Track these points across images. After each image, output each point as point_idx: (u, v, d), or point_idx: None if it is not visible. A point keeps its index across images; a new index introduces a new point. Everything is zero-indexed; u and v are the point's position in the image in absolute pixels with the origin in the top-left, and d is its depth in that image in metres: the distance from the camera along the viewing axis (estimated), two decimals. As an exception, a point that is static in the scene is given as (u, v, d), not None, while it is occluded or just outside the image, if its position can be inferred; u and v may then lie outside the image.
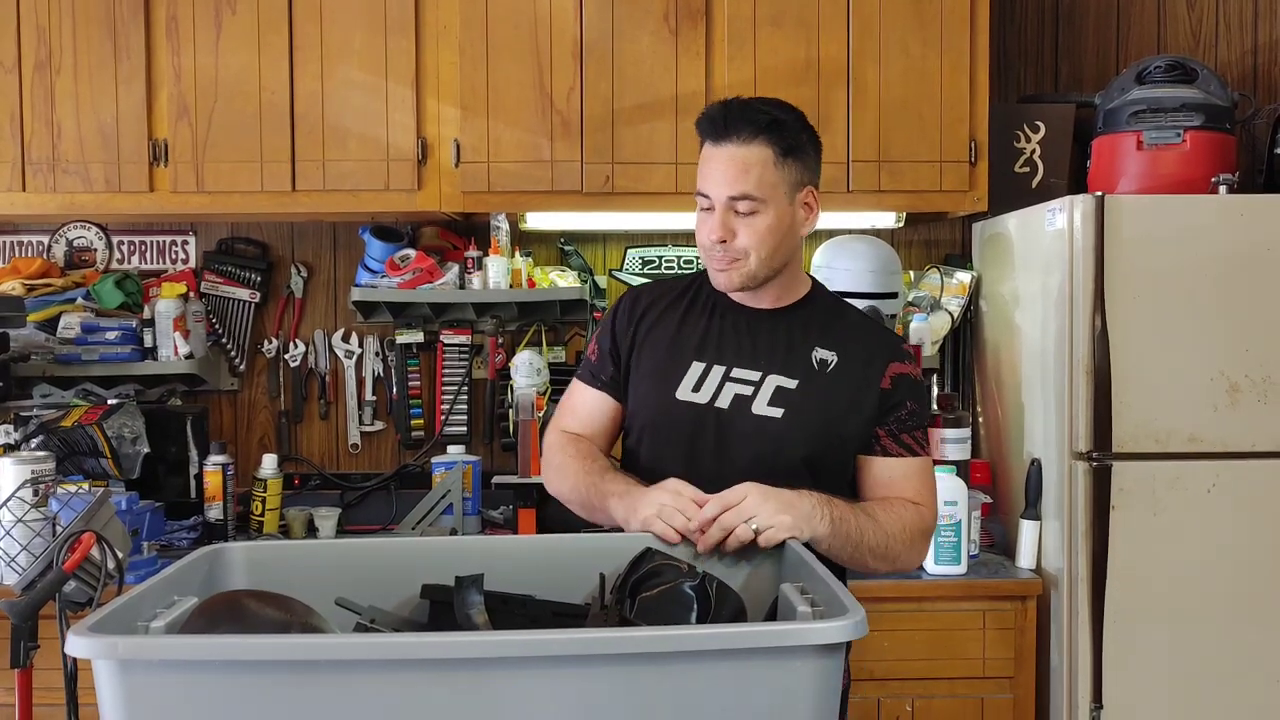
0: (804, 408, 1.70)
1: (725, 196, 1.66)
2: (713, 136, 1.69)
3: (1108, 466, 2.45)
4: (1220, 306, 2.47)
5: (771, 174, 1.67)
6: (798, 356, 1.74)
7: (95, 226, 3.17)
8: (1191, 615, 2.47)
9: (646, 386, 1.78)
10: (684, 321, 1.79)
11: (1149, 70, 2.80)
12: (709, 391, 1.72)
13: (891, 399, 1.73)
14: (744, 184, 1.65)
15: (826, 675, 1.06)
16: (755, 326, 1.77)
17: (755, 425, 1.70)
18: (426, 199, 2.78)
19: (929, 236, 3.23)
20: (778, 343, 1.75)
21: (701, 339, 1.77)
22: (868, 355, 1.75)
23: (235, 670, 1.01)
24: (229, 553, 1.41)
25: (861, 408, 1.72)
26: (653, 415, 1.76)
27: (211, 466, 2.81)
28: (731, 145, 1.66)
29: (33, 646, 1.58)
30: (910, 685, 2.51)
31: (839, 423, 1.72)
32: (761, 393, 1.71)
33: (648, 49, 2.75)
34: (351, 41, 2.75)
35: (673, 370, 1.75)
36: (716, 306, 1.79)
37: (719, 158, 1.67)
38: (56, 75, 2.75)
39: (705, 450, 1.71)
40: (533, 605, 1.40)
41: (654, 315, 1.81)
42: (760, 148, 1.66)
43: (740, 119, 1.67)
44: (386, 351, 3.17)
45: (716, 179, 1.67)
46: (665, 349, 1.78)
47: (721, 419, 1.71)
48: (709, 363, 1.74)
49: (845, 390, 1.72)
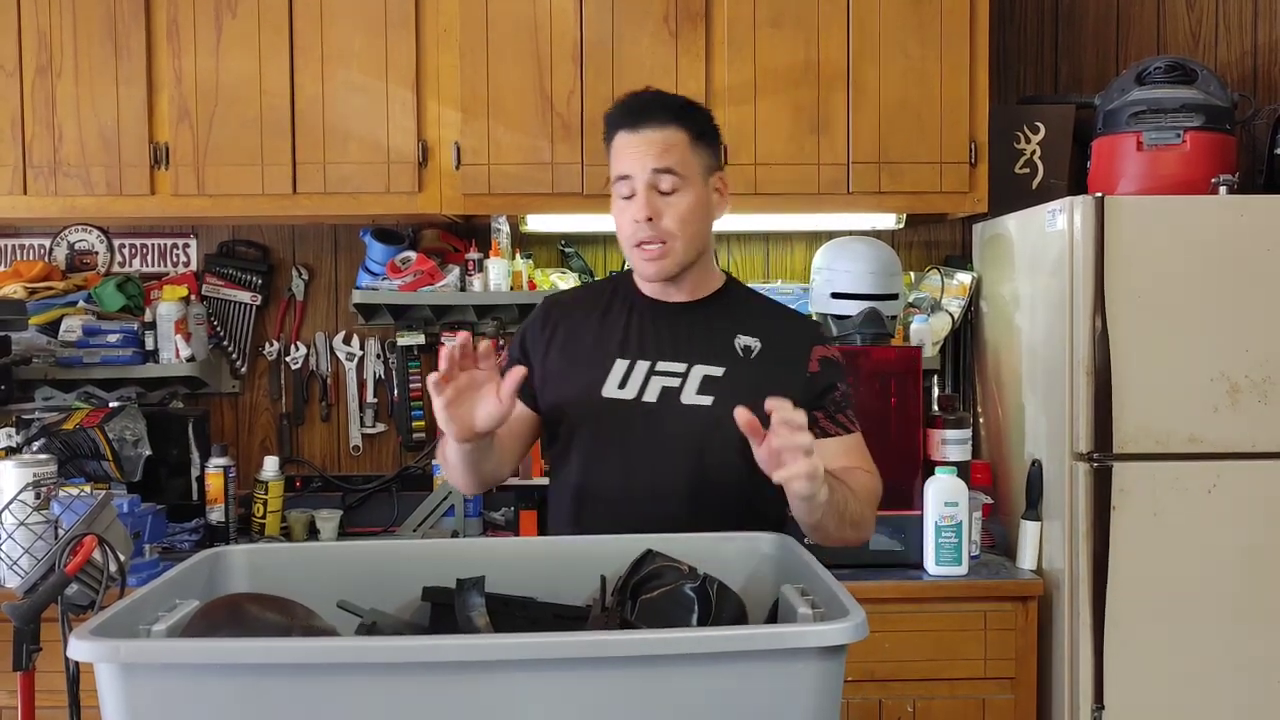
0: (733, 393, 1.70)
1: (649, 170, 1.69)
2: (629, 125, 1.72)
3: (1108, 467, 2.45)
4: (1220, 307, 2.47)
5: (688, 155, 1.71)
6: (721, 345, 1.76)
7: (96, 229, 3.18)
8: (1192, 616, 2.47)
9: (570, 389, 1.77)
10: (603, 322, 1.81)
11: (1149, 71, 2.80)
12: (635, 387, 1.73)
13: (820, 382, 1.77)
14: (667, 159, 1.69)
15: (828, 677, 1.06)
16: (675, 320, 1.79)
17: (686, 415, 1.71)
18: (427, 201, 2.78)
19: (929, 238, 3.23)
20: (699, 333, 1.77)
21: (623, 337, 1.78)
22: (791, 340, 1.79)
23: (237, 673, 1.01)
24: (230, 556, 1.41)
25: (790, 392, 1.71)
26: (580, 416, 1.76)
27: (213, 469, 2.81)
28: (649, 130, 1.70)
29: (35, 649, 1.59)
30: (911, 686, 2.51)
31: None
32: (689, 383, 1.73)
33: (648, 51, 2.75)
34: (352, 44, 2.76)
35: (596, 370, 1.76)
36: (634, 304, 1.81)
37: (637, 141, 1.71)
38: (58, 79, 2.76)
39: (636, 446, 1.72)
40: (534, 608, 1.40)
41: (571, 320, 1.83)
42: (675, 131, 1.71)
43: (656, 105, 1.73)
44: (387, 353, 3.17)
45: (638, 157, 1.70)
46: (587, 351, 1.78)
47: (650, 412, 1.72)
48: (632, 359, 1.75)
49: (772, 374, 1.74)
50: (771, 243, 3.22)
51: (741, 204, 2.78)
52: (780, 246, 3.22)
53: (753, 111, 2.76)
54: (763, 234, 3.20)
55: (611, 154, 1.75)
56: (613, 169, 1.75)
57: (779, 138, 2.77)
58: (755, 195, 2.77)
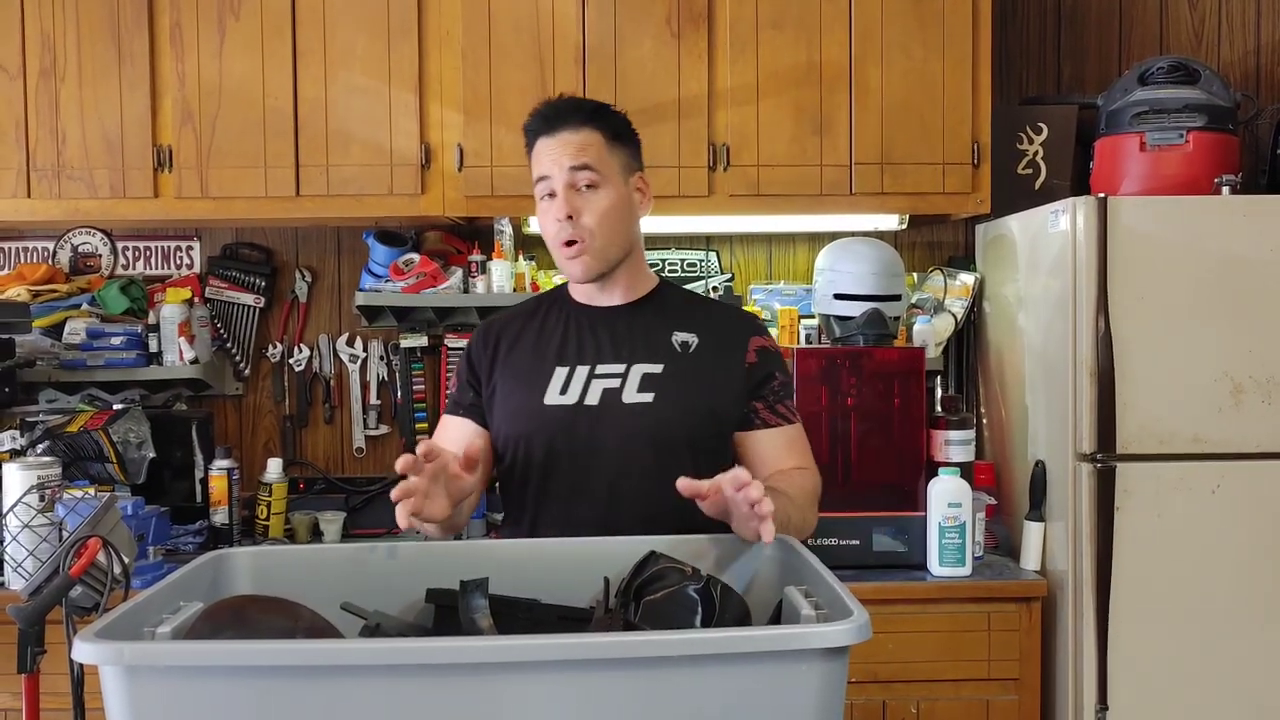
0: (673, 389, 1.74)
1: (567, 168, 1.72)
2: (545, 130, 1.75)
3: (1112, 468, 2.45)
4: (1224, 307, 2.47)
5: (604, 154, 1.75)
6: (658, 342, 1.78)
7: (100, 232, 3.18)
8: (1197, 616, 2.47)
9: (513, 402, 1.79)
10: (540, 334, 1.83)
11: (1151, 71, 2.80)
12: (576, 392, 1.75)
13: (759, 372, 1.79)
14: (583, 157, 1.73)
15: (831, 678, 1.06)
16: (611, 322, 1.81)
17: (628, 414, 1.73)
18: (430, 203, 2.78)
19: (932, 238, 3.23)
20: (636, 333, 1.79)
21: (561, 345, 1.80)
22: (728, 332, 1.81)
23: (241, 675, 1.02)
24: (234, 558, 1.41)
25: (730, 383, 1.78)
26: (524, 426, 1.77)
27: (217, 471, 2.82)
28: (565, 132, 1.74)
29: (39, 652, 1.59)
30: (915, 687, 2.51)
31: (711, 399, 1.76)
32: (629, 382, 1.75)
33: (650, 53, 2.76)
34: (354, 47, 2.76)
35: (538, 380, 1.77)
36: (570, 313, 1.83)
37: (554, 144, 1.74)
38: (61, 82, 2.76)
39: (582, 449, 1.73)
40: (538, 609, 1.40)
41: (510, 337, 1.84)
42: (591, 132, 1.74)
43: (569, 109, 1.76)
44: (391, 355, 3.18)
45: (555, 157, 1.73)
46: (527, 363, 1.80)
47: (593, 415, 1.73)
48: (571, 365, 1.77)
49: (711, 368, 1.77)
50: (774, 244, 3.22)
51: (744, 205, 2.79)
52: (783, 248, 3.22)
53: (755, 113, 2.76)
54: (765, 235, 3.20)
55: (532, 161, 1.78)
56: (532, 172, 1.78)
57: (781, 139, 2.77)
58: (757, 197, 2.78)
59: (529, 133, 1.79)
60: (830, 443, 2.66)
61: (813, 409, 2.65)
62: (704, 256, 3.19)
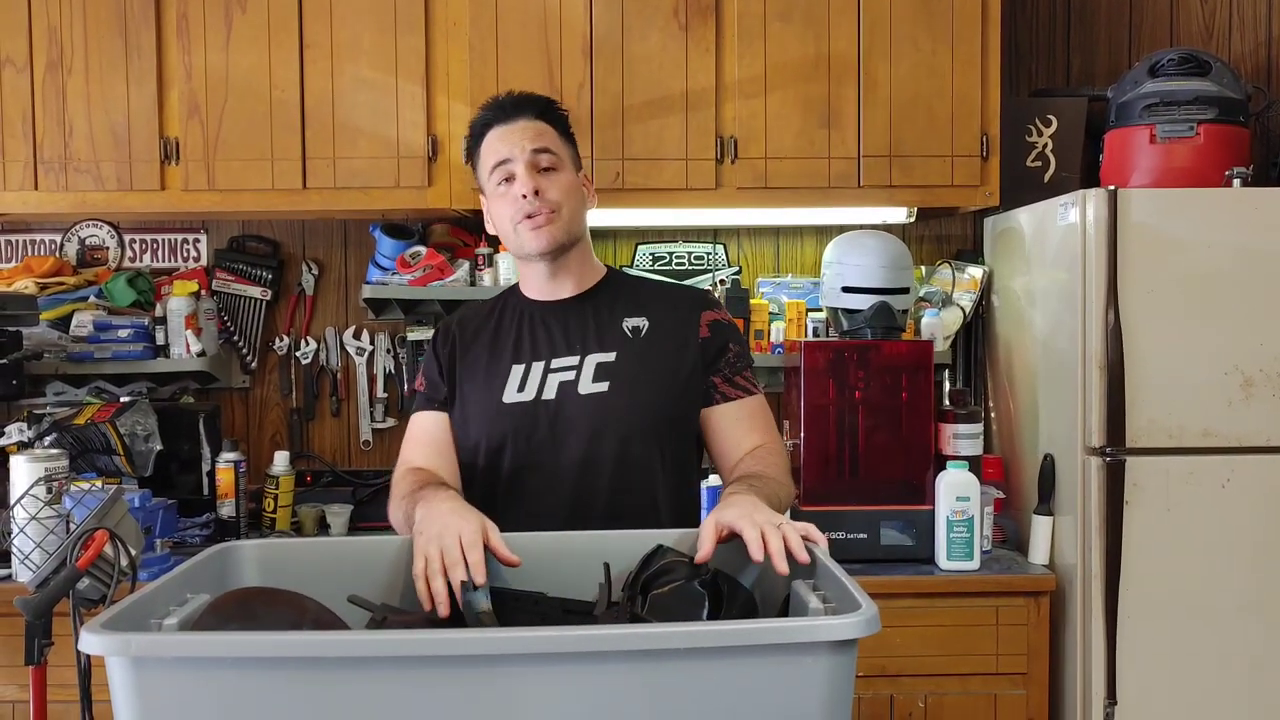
0: (628, 375, 1.75)
1: (529, 150, 1.75)
2: (502, 119, 1.78)
3: (1121, 462, 2.44)
4: (1234, 300, 2.46)
5: (560, 144, 1.80)
6: (609, 330, 1.80)
7: (107, 225, 3.19)
8: (1206, 610, 2.46)
9: (473, 402, 1.80)
10: (496, 334, 1.84)
11: (1162, 63, 2.78)
12: (533, 388, 1.77)
13: (714, 345, 1.81)
14: (543, 141, 1.77)
15: (839, 672, 1.05)
16: (563, 316, 1.82)
17: (586, 405, 1.74)
18: (437, 196, 2.78)
19: (940, 232, 3.22)
20: (587, 323, 1.81)
21: (515, 343, 1.82)
22: (678, 311, 1.83)
23: (247, 667, 1.01)
24: (241, 550, 1.41)
25: (687, 360, 1.79)
26: (484, 426, 1.78)
27: (224, 464, 2.82)
28: (522, 120, 1.78)
29: (47, 644, 1.59)
30: (923, 682, 2.51)
31: (669, 380, 1.77)
32: (584, 373, 1.76)
33: (657, 45, 2.75)
34: (361, 40, 2.75)
35: (495, 379, 1.79)
36: (522, 311, 1.85)
37: (512, 130, 1.77)
38: (68, 74, 2.76)
39: (543, 444, 1.74)
40: (543, 602, 1.40)
41: (468, 335, 1.86)
42: (545, 124, 1.80)
43: (525, 102, 1.81)
44: (397, 348, 3.18)
45: (515, 140, 1.76)
46: (484, 363, 1.82)
47: (552, 409, 1.75)
48: (527, 362, 1.79)
49: (665, 348, 1.79)
50: (781, 237, 3.21)
51: (751, 198, 2.78)
52: (790, 241, 3.21)
53: (763, 105, 2.75)
54: (773, 228, 3.19)
55: (483, 153, 1.80)
56: (486, 163, 1.79)
57: (789, 132, 2.76)
58: (765, 189, 2.77)
59: (479, 126, 1.81)
60: (838, 436, 2.66)
61: (820, 402, 2.65)
62: (711, 249, 3.18)
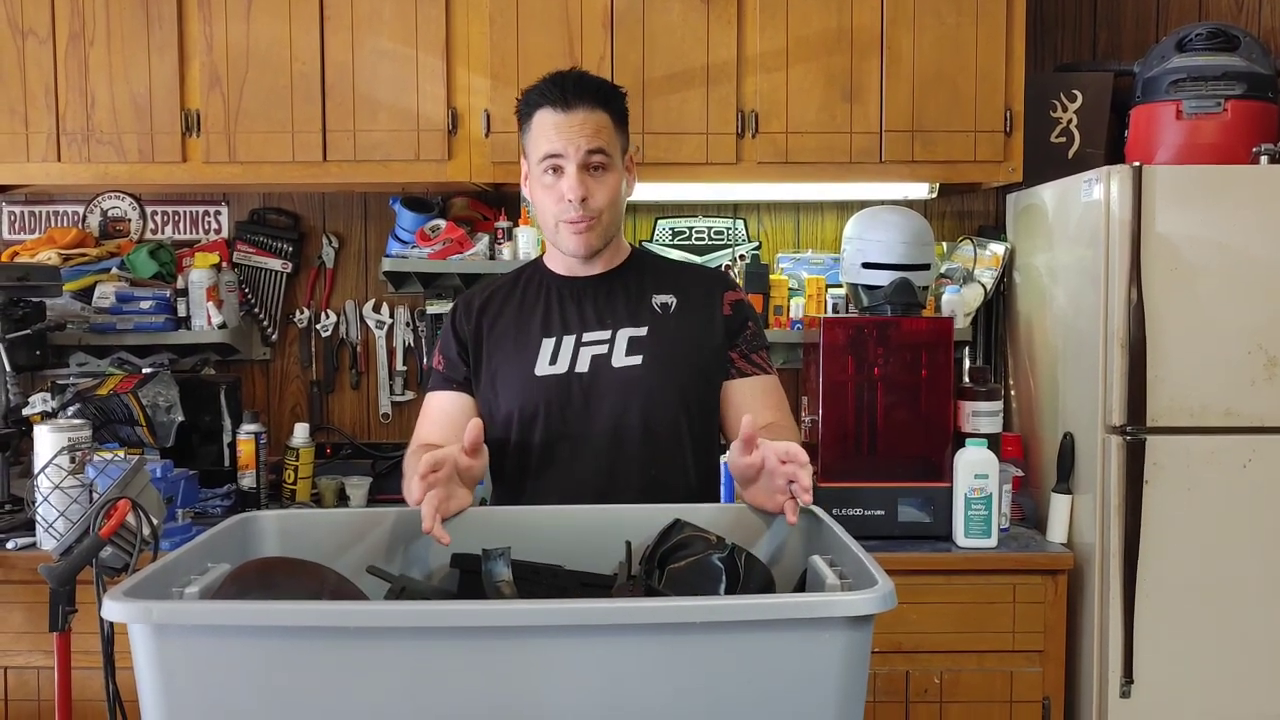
0: (660, 349, 1.78)
1: (584, 150, 1.72)
2: (561, 105, 1.73)
3: (1142, 440, 2.42)
4: (1259, 279, 2.43)
5: (613, 138, 1.77)
6: (640, 306, 1.82)
7: (129, 197, 3.20)
8: (1225, 591, 2.45)
9: (504, 375, 1.80)
10: (522, 307, 1.85)
11: (1190, 38, 2.75)
12: (565, 361, 1.78)
13: (734, 323, 1.85)
14: (598, 140, 1.73)
15: (855, 647, 1.05)
16: (594, 291, 1.84)
17: (620, 378, 1.76)
18: (457, 169, 2.78)
19: (962, 208, 3.20)
20: (617, 299, 1.83)
21: (545, 317, 1.82)
22: (703, 290, 1.86)
23: (267, 635, 1.02)
24: (261, 521, 1.42)
25: (712, 337, 1.83)
26: (517, 398, 1.78)
27: (244, 435, 2.84)
28: (581, 111, 1.73)
29: (71, 611, 1.61)
30: (939, 658, 2.51)
31: (696, 356, 1.80)
32: (617, 347, 1.78)
33: (679, 18, 2.73)
34: (382, 11, 2.75)
35: (526, 352, 1.80)
36: (550, 286, 1.86)
37: (569, 122, 1.72)
38: (90, 46, 2.77)
39: (577, 416, 1.76)
40: (561, 575, 1.40)
41: (492, 311, 1.86)
42: (602, 114, 1.75)
43: (587, 88, 1.75)
44: (417, 322, 3.18)
45: (570, 137, 1.72)
46: (513, 336, 1.82)
47: (585, 382, 1.76)
48: (558, 335, 1.80)
49: (692, 325, 1.82)
50: (802, 212, 3.19)
51: (772, 173, 2.76)
52: (811, 216, 3.19)
53: (785, 79, 2.73)
54: (793, 203, 3.17)
55: (534, 131, 1.76)
56: (536, 147, 1.75)
57: (811, 105, 2.74)
58: (786, 164, 2.75)
59: (532, 102, 1.76)
60: (856, 413, 2.65)
61: (839, 379, 2.64)
62: (731, 224, 3.17)
